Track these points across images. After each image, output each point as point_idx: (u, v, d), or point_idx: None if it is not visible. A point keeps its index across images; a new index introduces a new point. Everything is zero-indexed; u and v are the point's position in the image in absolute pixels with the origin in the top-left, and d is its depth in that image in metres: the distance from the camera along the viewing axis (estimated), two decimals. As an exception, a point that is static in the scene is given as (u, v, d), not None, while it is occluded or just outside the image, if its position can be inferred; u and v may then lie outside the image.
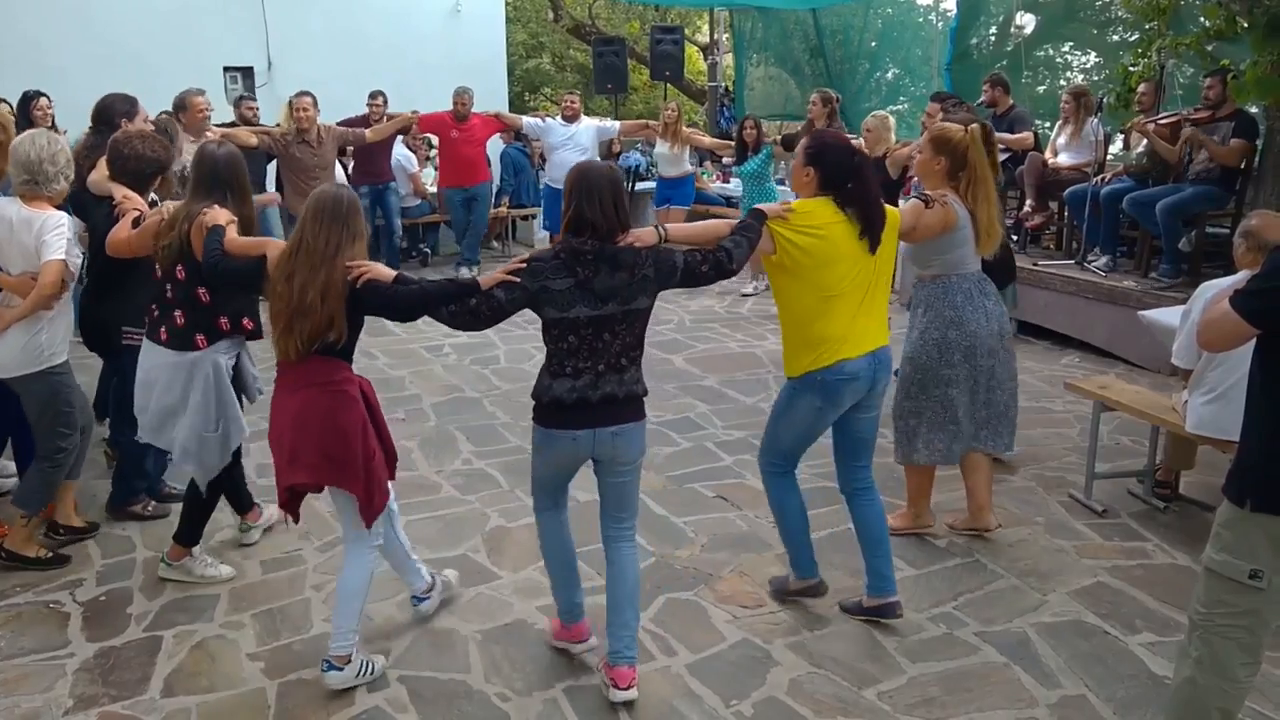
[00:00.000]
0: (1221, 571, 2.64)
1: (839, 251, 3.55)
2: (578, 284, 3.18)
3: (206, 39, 11.21)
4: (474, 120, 10.20)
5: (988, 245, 4.30)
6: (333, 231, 3.34)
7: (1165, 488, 5.00)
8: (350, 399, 3.47)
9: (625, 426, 3.32)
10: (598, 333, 3.22)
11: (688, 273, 3.33)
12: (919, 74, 12.70)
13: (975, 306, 4.29)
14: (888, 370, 3.74)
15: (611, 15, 21.72)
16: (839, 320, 3.57)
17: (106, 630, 3.88)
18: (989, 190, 4.25)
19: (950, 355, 4.28)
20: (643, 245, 3.25)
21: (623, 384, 3.29)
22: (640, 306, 3.28)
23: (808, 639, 3.79)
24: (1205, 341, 2.76)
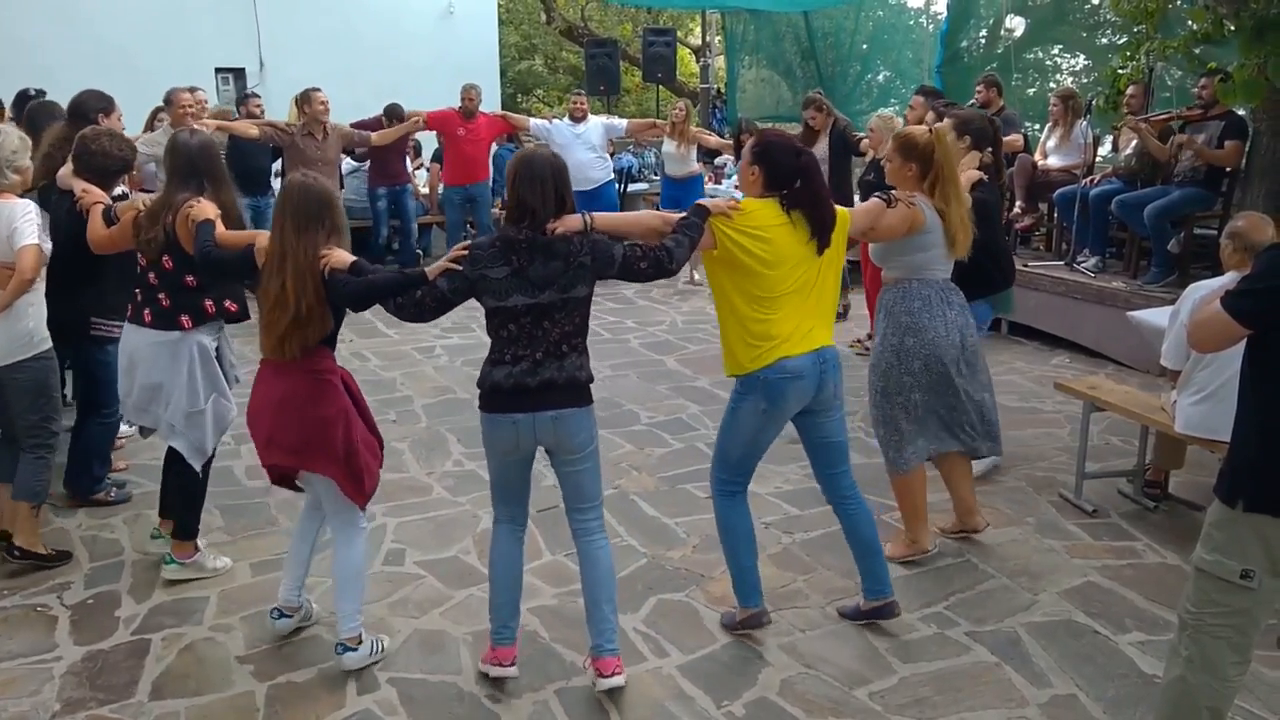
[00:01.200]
0: (1212, 571, 2.64)
1: (783, 253, 3.49)
2: (514, 272, 3.22)
3: (198, 40, 11.22)
4: (481, 119, 10.15)
5: (961, 246, 4.17)
6: (314, 235, 3.41)
7: (1155, 487, 5.02)
8: (333, 388, 3.55)
9: (565, 411, 3.32)
10: (536, 321, 3.26)
11: (625, 266, 3.33)
12: (910, 76, 12.74)
13: (934, 314, 4.15)
14: (836, 370, 3.66)
15: (604, 17, 21.74)
16: (780, 320, 3.50)
17: (94, 633, 3.87)
18: (958, 189, 4.18)
19: (909, 363, 4.17)
20: (567, 230, 3.25)
21: (563, 370, 3.30)
22: (579, 295, 3.30)
23: (799, 639, 3.80)
24: (1196, 342, 2.77)
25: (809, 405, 3.63)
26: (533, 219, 3.23)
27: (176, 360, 4.04)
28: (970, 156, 4.95)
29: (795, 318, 3.52)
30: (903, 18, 13.47)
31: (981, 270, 4.88)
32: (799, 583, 4.23)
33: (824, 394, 3.63)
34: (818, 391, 3.60)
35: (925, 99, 7.34)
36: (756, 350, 3.51)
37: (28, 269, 4.05)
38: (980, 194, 4.75)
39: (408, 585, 4.23)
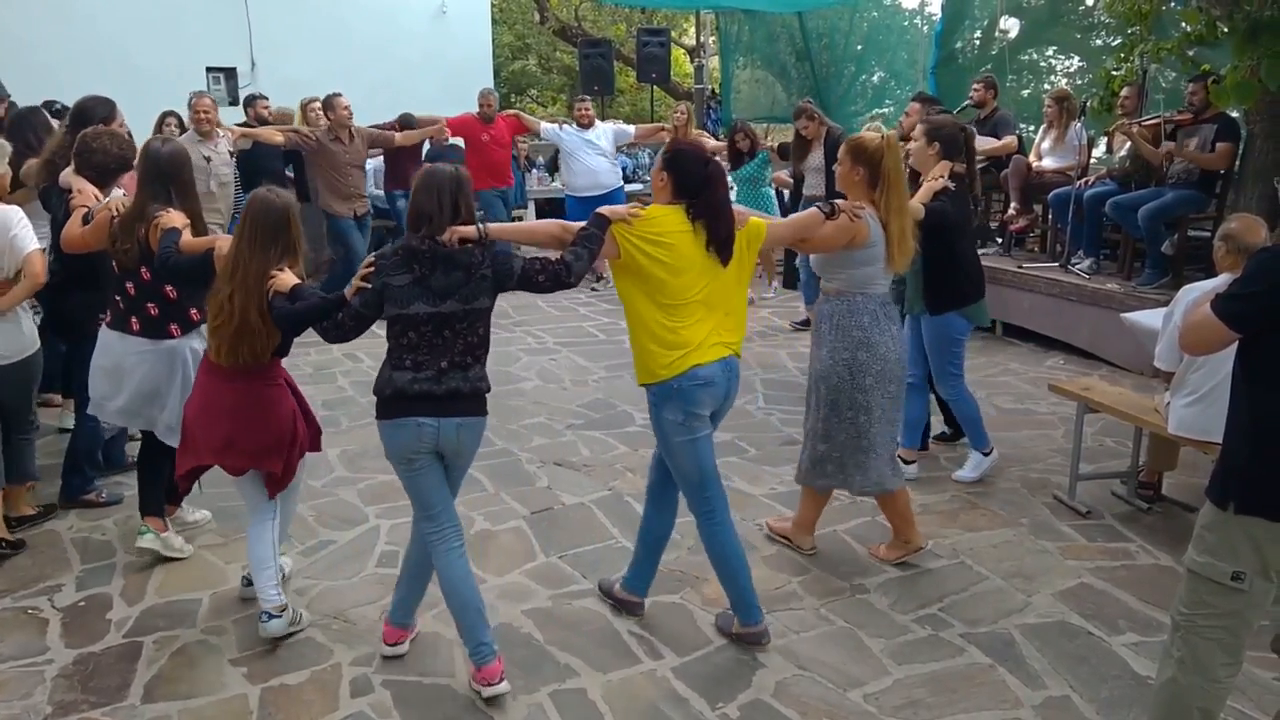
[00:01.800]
0: (1204, 573, 2.65)
1: (685, 262, 3.46)
2: (415, 281, 3.28)
3: (190, 39, 11.20)
4: (500, 121, 10.17)
5: (900, 260, 4.06)
6: (270, 251, 3.55)
7: (1148, 489, 5.02)
8: (284, 392, 3.83)
9: (469, 420, 3.40)
10: (437, 330, 3.31)
11: (524, 278, 3.39)
12: (904, 77, 12.76)
13: (882, 330, 4.09)
14: (737, 377, 3.65)
15: (598, 17, 21.73)
16: (690, 328, 3.49)
17: (86, 636, 3.85)
18: (902, 200, 4.06)
19: (862, 378, 4.09)
20: (461, 239, 3.29)
21: (467, 380, 3.36)
22: (481, 306, 3.36)
23: (793, 641, 3.79)
24: (1187, 345, 2.78)
25: (717, 410, 3.66)
26: (429, 227, 3.28)
27: (172, 368, 4.22)
28: (941, 165, 4.88)
29: (705, 326, 3.52)
30: (897, 19, 13.48)
31: (952, 282, 4.99)
32: (793, 585, 4.22)
33: (727, 401, 3.66)
34: (726, 396, 3.62)
35: (922, 106, 7.31)
36: (669, 358, 3.49)
37: (40, 273, 4.31)
38: (940, 204, 4.73)
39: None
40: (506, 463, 5.60)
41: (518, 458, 5.66)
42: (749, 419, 6.29)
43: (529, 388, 7.02)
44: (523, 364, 7.62)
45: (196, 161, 7.71)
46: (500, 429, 6.13)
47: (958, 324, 5.07)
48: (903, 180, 4.08)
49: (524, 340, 8.34)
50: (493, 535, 4.70)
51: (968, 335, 5.18)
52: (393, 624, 3.71)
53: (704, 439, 3.61)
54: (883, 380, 4.10)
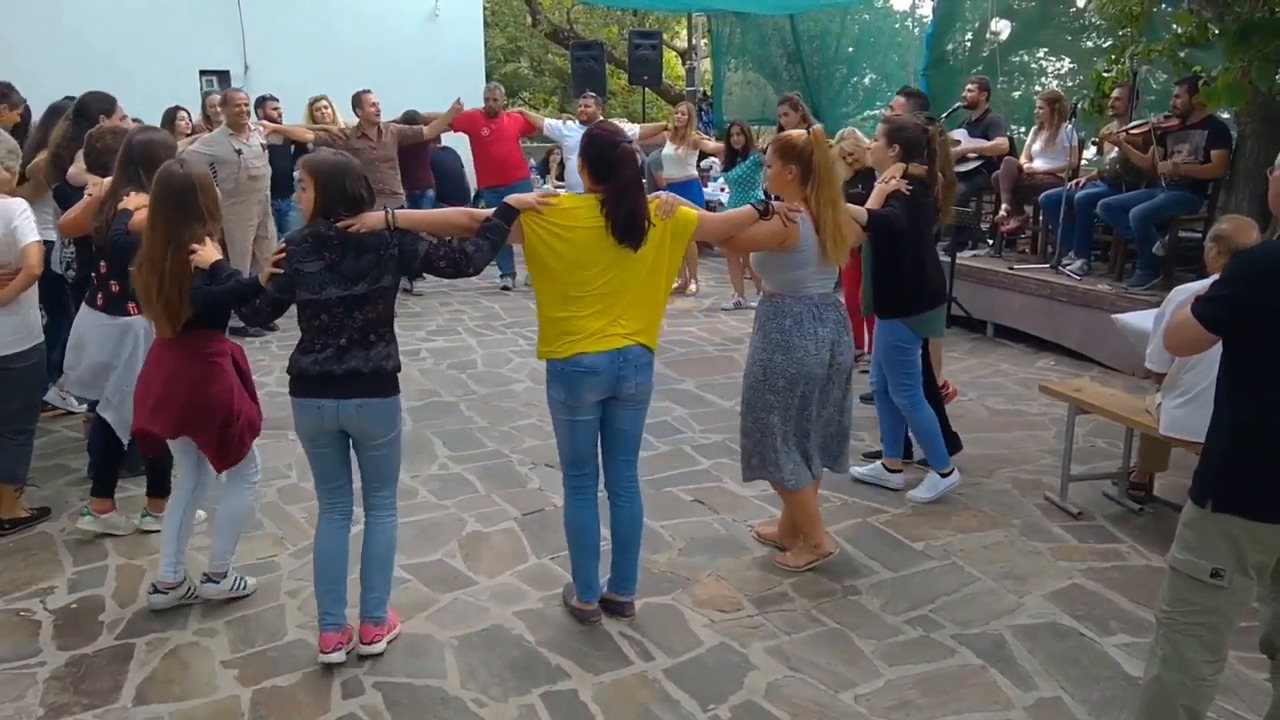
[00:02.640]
0: (1185, 570, 2.68)
1: (589, 254, 3.49)
2: (327, 266, 3.36)
3: (182, 42, 11.19)
4: (503, 117, 10.16)
5: (835, 252, 4.00)
6: (173, 223, 3.64)
7: (1140, 489, 5.03)
8: (220, 370, 3.85)
9: (370, 401, 3.44)
10: (349, 311, 3.38)
11: (426, 262, 3.45)
12: (896, 79, 12.76)
13: (804, 333, 4.04)
14: (638, 371, 3.63)
15: (590, 20, 21.74)
16: (585, 318, 3.53)
17: (78, 638, 3.83)
18: (834, 194, 3.99)
19: (774, 380, 4.08)
20: (367, 229, 3.36)
21: (369, 360, 3.41)
22: (387, 284, 3.43)
23: (785, 643, 3.79)
24: (1170, 345, 2.81)
25: (616, 395, 3.66)
26: (338, 215, 3.37)
27: (121, 344, 4.43)
28: (894, 168, 4.77)
29: (604, 317, 3.54)
30: (888, 21, 13.51)
31: (896, 289, 4.87)
32: (784, 586, 4.22)
33: (624, 390, 3.64)
34: (616, 385, 3.61)
35: (906, 100, 7.33)
36: (558, 341, 3.57)
37: (35, 264, 4.43)
38: (888, 209, 4.62)
39: (393, 589, 4.19)
40: (498, 464, 5.59)
41: (509, 459, 5.66)
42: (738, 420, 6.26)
43: (520, 389, 7.01)
44: (514, 365, 7.61)
45: (227, 154, 8.10)
46: (492, 430, 6.13)
47: (902, 333, 4.93)
48: (833, 174, 4.04)
49: (515, 342, 8.33)
50: (484, 537, 4.70)
51: (916, 345, 4.97)
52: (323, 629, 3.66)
53: (585, 423, 3.68)
54: (795, 383, 4.08)
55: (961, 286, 8.23)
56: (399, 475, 3.74)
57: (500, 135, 10.10)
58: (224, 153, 8.12)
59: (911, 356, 4.96)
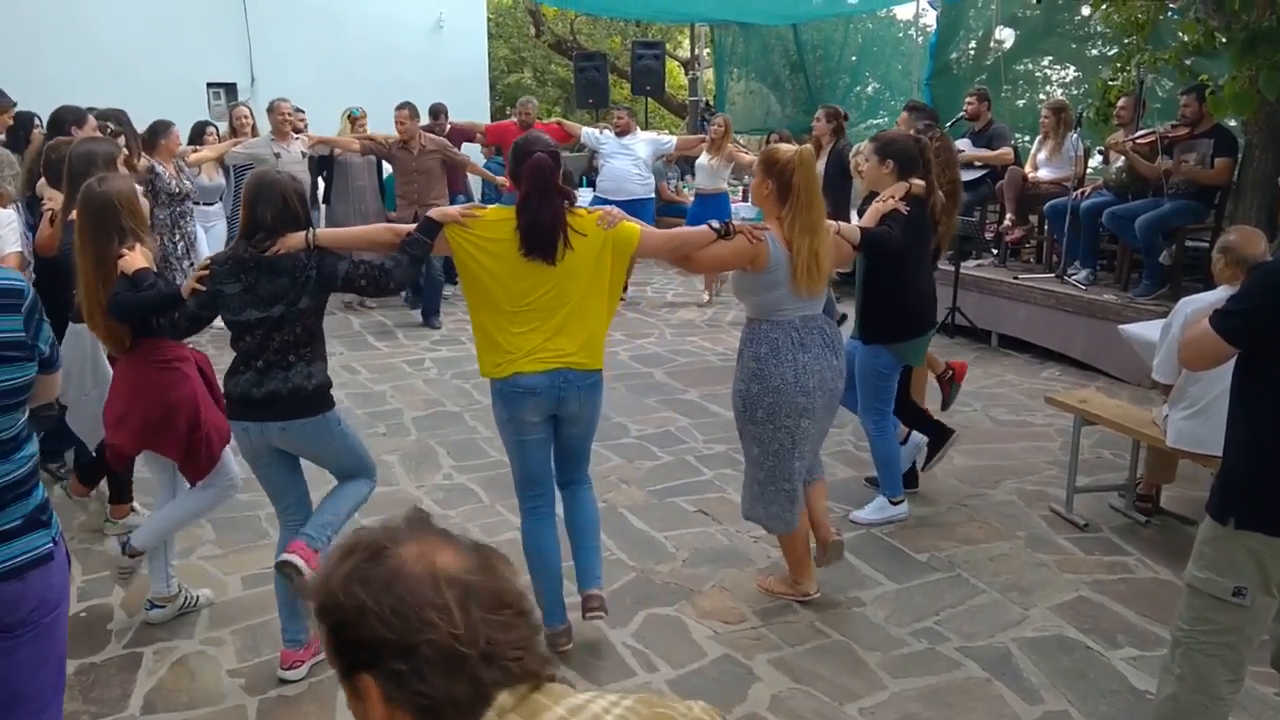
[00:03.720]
0: (1204, 589, 2.64)
1: (516, 267, 3.41)
2: (245, 289, 3.37)
3: (191, 55, 11.25)
4: (538, 129, 10.14)
5: (808, 284, 3.74)
6: (98, 243, 3.61)
7: (1146, 501, 5.01)
8: (181, 375, 3.83)
9: (294, 423, 3.43)
10: (269, 333, 3.38)
11: (347, 281, 3.44)
12: (899, 88, 12.78)
13: (782, 359, 3.78)
14: (579, 390, 3.52)
15: (593, 31, 21.76)
16: (520, 335, 3.45)
17: (86, 646, 3.83)
18: (812, 219, 3.73)
19: (753, 411, 3.86)
20: (288, 250, 3.35)
21: (287, 381, 3.39)
22: (305, 306, 3.41)
23: (789, 655, 3.78)
24: (1186, 360, 2.78)
25: (560, 415, 3.59)
26: (267, 234, 3.36)
27: (78, 349, 4.34)
28: (896, 186, 4.53)
29: (539, 334, 3.45)
30: (891, 30, 13.51)
31: (882, 314, 4.65)
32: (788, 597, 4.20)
33: (566, 410, 3.56)
34: (558, 405, 3.53)
35: (910, 115, 7.30)
36: (497, 361, 3.50)
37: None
38: (883, 230, 4.36)
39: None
40: (502, 474, 5.55)
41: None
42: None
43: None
44: (519, 376, 7.60)
45: (266, 157, 8.44)
46: (495, 440, 6.06)
47: (884, 358, 4.72)
48: (816, 199, 3.77)
49: (520, 352, 8.31)
50: (489, 548, 4.68)
51: (895, 372, 4.79)
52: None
53: (533, 442, 3.61)
54: (775, 414, 3.82)
55: (966, 296, 8.23)
56: (362, 466, 3.70)
57: None
58: (264, 155, 8.55)
59: (890, 383, 4.79)
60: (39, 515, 2.32)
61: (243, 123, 9.30)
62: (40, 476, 2.38)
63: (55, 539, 2.37)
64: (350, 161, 9.51)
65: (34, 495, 2.32)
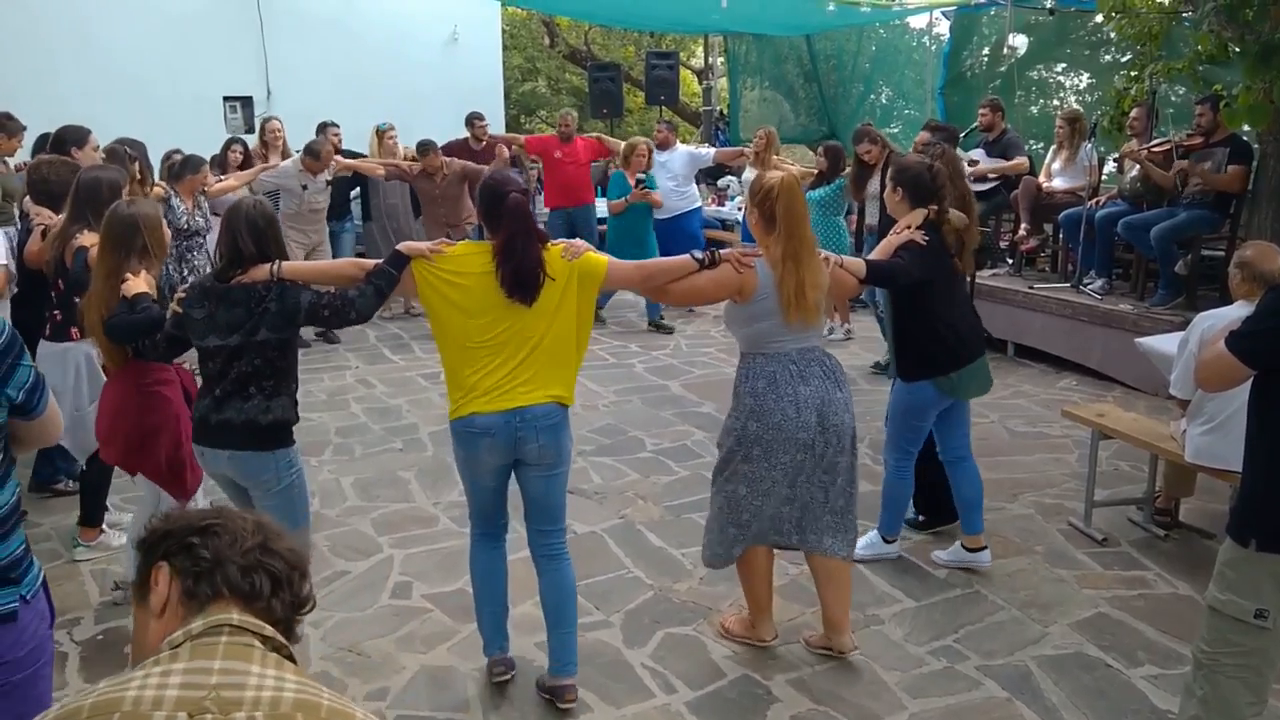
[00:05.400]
0: (1226, 611, 2.63)
1: (482, 303, 3.35)
2: (207, 315, 3.45)
3: (207, 69, 11.32)
4: (579, 142, 10.24)
5: (796, 314, 3.55)
6: (115, 259, 3.79)
7: (1165, 515, 4.98)
8: (161, 399, 3.97)
9: (241, 454, 3.46)
10: (229, 361, 3.44)
11: (310, 313, 3.46)
12: (912, 97, 12.79)
13: (781, 394, 3.58)
14: (539, 431, 3.38)
15: (607, 41, 21.81)
16: (483, 372, 3.37)
17: (105, 670, 3.83)
18: (799, 248, 3.55)
19: (749, 449, 3.64)
20: (251, 281, 3.40)
21: (242, 412, 3.43)
22: (263, 339, 3.42)
23: (808, 675, 3.77)
24: (1202, 381, 2.77)
25: (521, 459, 3.44)
26: (238, 262, 3.43)
27: (65, 368, 4.53)
28: (912, 215, 4.34)
29: (502, 371, 3.36)
30: (905, 38, 13.50)
31: (917, 346, 4.41)
32: (806, 615, 4.19)
33: (525, 452, 3.41)
34: (516, 448, 3.40)
35: (931, 135, 7.14)
36: (456, 399, 3.44)
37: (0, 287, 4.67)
38: (895, 261, 4.19)
39: (414, 620, 4.21)
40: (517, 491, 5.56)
41: (530, 486, 5.65)
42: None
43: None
44: (535, 389, 7.60)
45: (293, 188, 8.62)
46: (513, 456, 6.12)
47: (927, 394, 4.42)
48: (800, 228, 3.57)
49: (536, 365, 8.32)
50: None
51: (934, 411, 4.49)
52: None
53: (487, 489, 3.55)
54: (773, 452, 3.63)
55: (981, 306, 8.11)
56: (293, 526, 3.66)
57: (572, 159, 10.18)
58: (291, 185, 8.68)
59: (926, 422, 4.52)
60: (8, 572, 2.21)
61: (275, 136, 9.39)
62: (18, 526, 2.28)
63: (26, 595, 2.24)
64: (381, 181, 9.59)
65: (2, 548, 2.21)
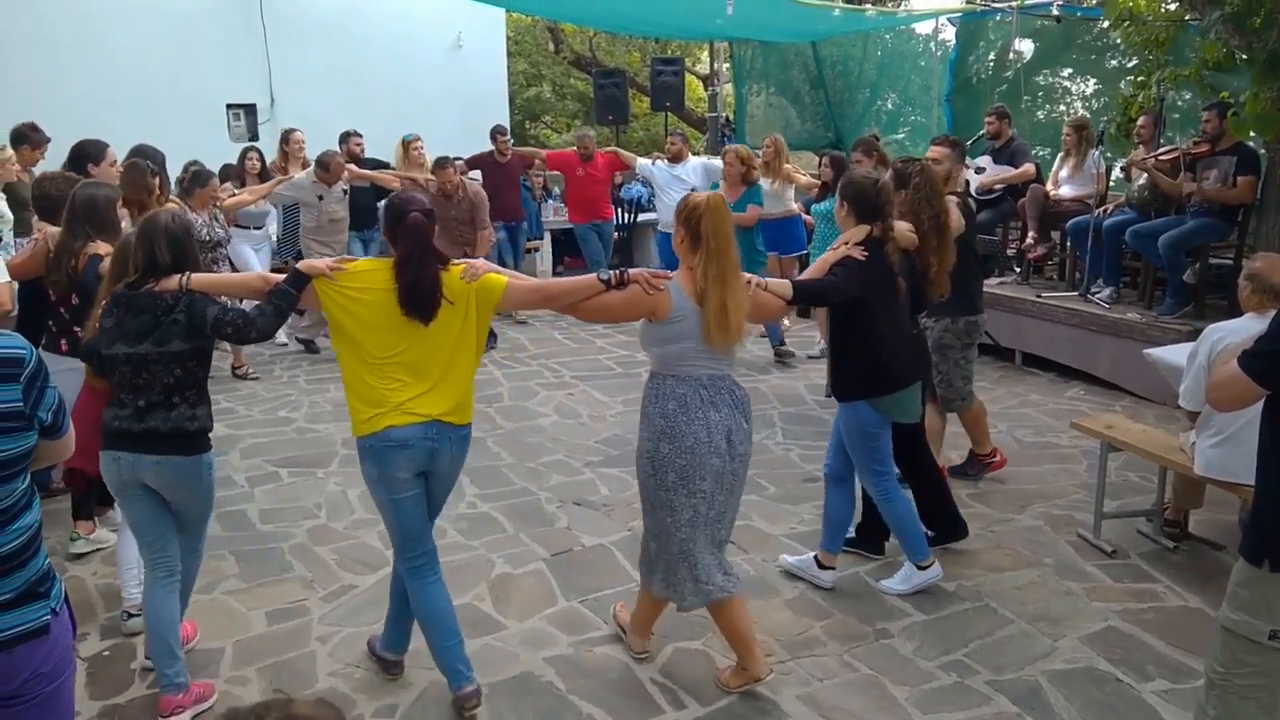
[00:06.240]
0: (1239, 631, 2.61)
1: (385, 320, 3.37)
2: (116, 324, 3.52)
3: (210, 77, 11.32)
4: (599, 158, 10.34)
5: (719, 336, 3.46)
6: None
7: (1174, 526, 4.96)
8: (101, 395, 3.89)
9: (168, 459, 3.53)
10: (137, 370, 3.50)
11: (215, 326, 3.52)
12: (919, 103, 12.75)
13: (693, 417, 3.50)
14: (452, 443, 3.47)
15: (612, 47, 21.81)
16: (392, 388, 3.39)
17: (110, 687, 3.84)
18: (723, 269, 3.46)
19: (664, 474, 3.54)
20: (162, 290, 3.50)
21: (168, 420, 3.51)
22: (175, 349, 3.50)
23: (818, 690, 3.76)
24: (1215, 402, 2.75)
25: (432, 471, 3.52)
26: (153, 272, 3.52)
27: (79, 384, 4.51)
28: (851, 231, 4.22)
29: (410, 389, 3.40)
30: (911, 45, 13.47)
31: (854, 366, 4.30)
32: (816, 630, 4.18)
33: (439, 464, 3.50)
34: (431, 459, 3.46)
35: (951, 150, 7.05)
36: (366, 414, 3.41)
37: (5, 301, 4.61)
38: (827, 280, 4.10)
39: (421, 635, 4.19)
40: (526, 502, 5.59)
41: (537, 497, 5.64)
42: (768, 455, 6.27)
43: (547, 424, 7.01)
44: (540, 399, 7.61)
45: (309, 199, 8.76)
46: (519, 467, 6.12)
47: (866, 415, 4.30)
48: (726, 247, 3.48)
49: (541, 374, 8.34)
50: (513, 579, 4.68)
51: (884, 429, 4.37)
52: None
53: (407, 499, 3.50)
54: (689, 477, 3.53)
55: (989, 314, 8.15)
56: (203, 527, 3.88)
57: (592, 177, 10.34)
58: (307, 197, 8.82)
59: (880, 441, 4.37)
60: (37, 587, 2.27)
61: (298, 147, 9.45)
62: (43, 543, 2.33)
63: (55, 609, 2.30)
64: None
65: (31, 565, 2.26)
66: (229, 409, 7.32)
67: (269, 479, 5.90)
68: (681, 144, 10.02)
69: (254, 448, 6.46)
